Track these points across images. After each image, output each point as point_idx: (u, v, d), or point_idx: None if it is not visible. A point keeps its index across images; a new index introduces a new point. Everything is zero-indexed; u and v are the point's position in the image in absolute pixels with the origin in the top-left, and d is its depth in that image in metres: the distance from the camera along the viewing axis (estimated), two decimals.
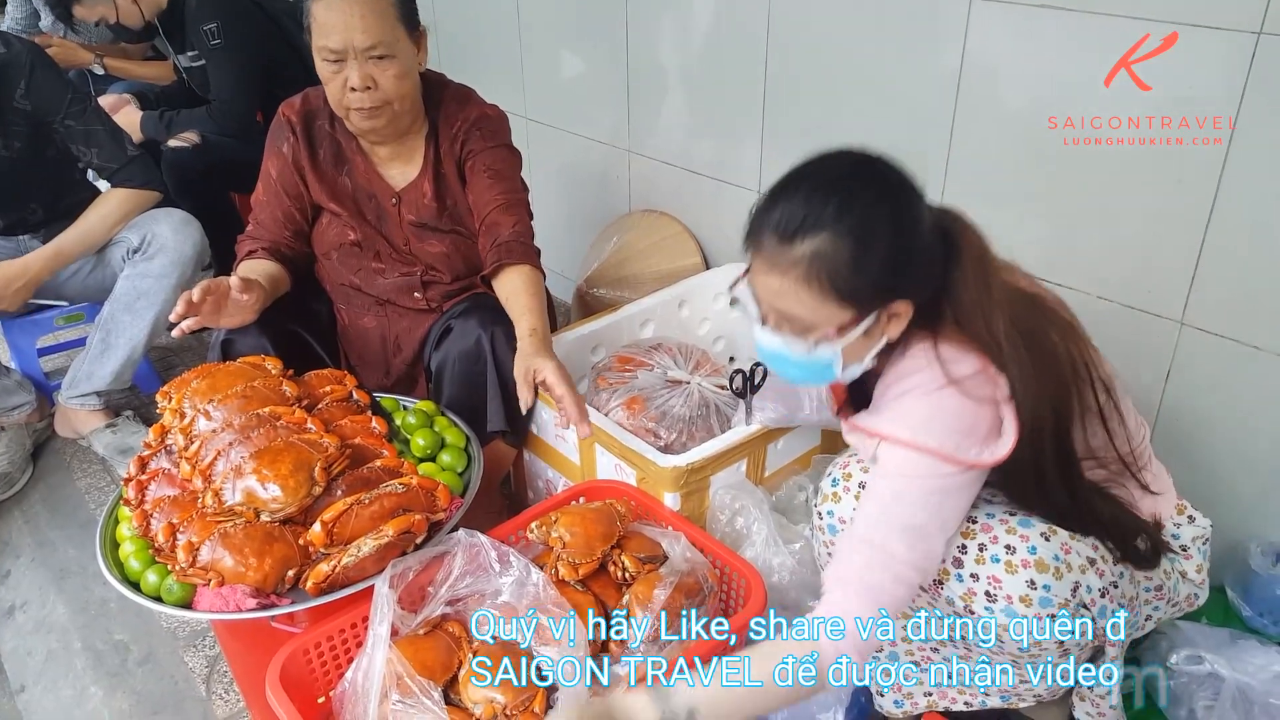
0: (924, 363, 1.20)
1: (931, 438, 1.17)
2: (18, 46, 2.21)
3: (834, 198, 1.13)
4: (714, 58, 2.28)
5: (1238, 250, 1.55)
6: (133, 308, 2.33)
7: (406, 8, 1.79)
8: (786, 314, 1.19)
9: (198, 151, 2.91)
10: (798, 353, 1.21)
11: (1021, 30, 1.67)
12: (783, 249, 1.14)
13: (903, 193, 1.17)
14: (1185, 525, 1.42)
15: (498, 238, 1.86)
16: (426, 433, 1.72)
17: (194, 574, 1.39)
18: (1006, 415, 1.17)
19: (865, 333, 1.18)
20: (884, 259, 1.14)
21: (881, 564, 1.18)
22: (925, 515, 1.19)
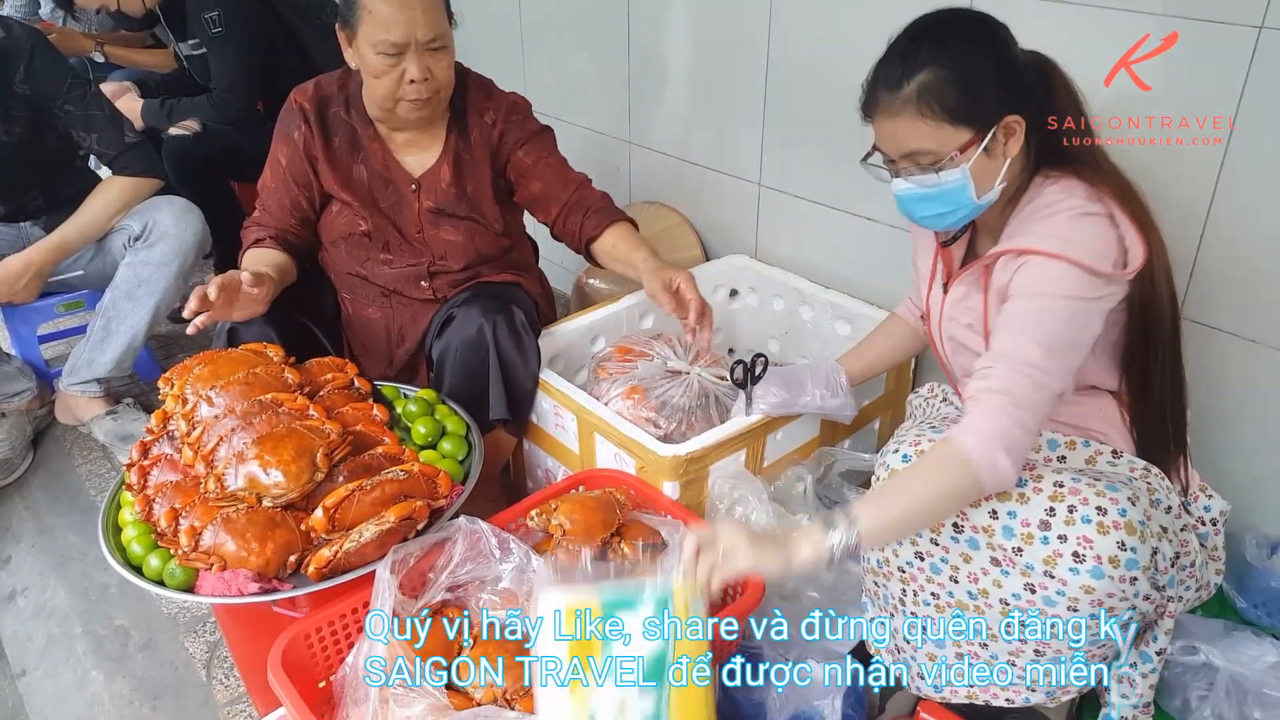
0: (1057, 195, 1.31)
1: (1076, 249, 1.25)
2: (18, 31, 2.21)
3: (924, 40, 1.29)
4: (715, 50, 2.28)
5: (1236, 245, 1.56)
6: (134, 295, 2.33)
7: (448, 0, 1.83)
8: (910, 151, 1.31)
9: (198, 140, 2.91)
10: (931, 186, 1.32)
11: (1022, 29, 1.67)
12: (892, 95, 1.28)
13: (986, 22, 1.31)
14: (1211, 500, 1.44)
15: (593, 206, 1.98)
16: (427, 420, 1.73)
17: (196, 558, 1.39)
18: (1133, 239, 1.28)
19: (987, 150, 1.29)
20: (984, 75, 1.27)
21: (1024, 372, 1.24)
22: (1068, 329, 1.26)
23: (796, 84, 2.12)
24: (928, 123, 1.27)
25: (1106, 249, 1.27)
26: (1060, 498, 1.24)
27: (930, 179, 1.31)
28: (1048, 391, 1.24)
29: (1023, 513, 1.25)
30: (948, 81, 1.25)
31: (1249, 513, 1.68)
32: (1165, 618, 1.30)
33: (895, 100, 1.28)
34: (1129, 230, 1.28)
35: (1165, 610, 1.29)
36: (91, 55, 3.28)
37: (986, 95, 1.27)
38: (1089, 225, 1.27)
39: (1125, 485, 1.25)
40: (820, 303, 2.17)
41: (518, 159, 1.96)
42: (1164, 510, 1.31)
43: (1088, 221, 1.27)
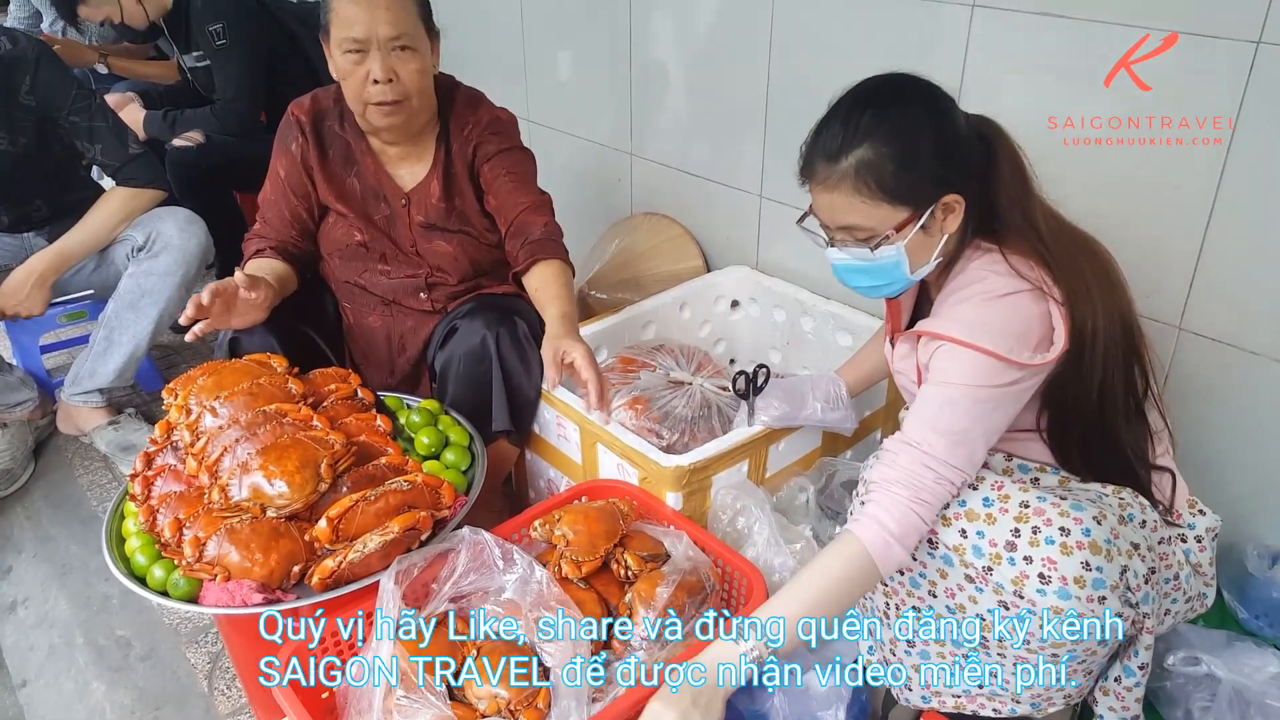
0: (985, 271, 1.29)
1: (987, 337, 1.24)
2: (24, 43, 2.22)
3: (867, 110, 1.25)
4: (717, 62, 2.29)
5: (1236, 256, 1.57)
6: (136, 305, 2.34)
7: (425, 8, 1.83)
8: (847, 226, 1.29)
9: (202, 151, 2.93)
10: (865, 260, 1.31)
11: (1021, 37, 1.68)
12: (830, 167, 1.26)
13: (931, 94, 1.28)
14: (1198, 517, 1.43)
15: (530, 236, 1.90)
16: (431, 431, 1.73)
17: (200, 569, 1.39)
18: (1058, 320, 1.25)
19: (924, 228, 1.27)
20: (925, 153, 1.24)
21: (926, 464, 1.26)
22: (970, 419, 1.26)
23: (797, 96, 2.13)
24: (864, 200, 1.25)
25: (1025, 332, 1.25)
26: (1025, 518, 1.25)
27: (864, 254, 1.30)
28: (948, 485, 1.27)
29: (990, 533, 1.26)
30: (886, 159, 1.23)
31: (1249, 523, 1.69)
32: (1144, 633, 1.29)
33: (833, 173, 1.26)
34: (1055, 311, 1.25)
35: (1143, 626, 1.28)
36: (95, 67, 3.30)
37: (926, 174, 1.25)
38: (1004, 308, 1.25)
39: (1092, 504, 1.26)
40: (821, 313, 2.18)
41: (484, 172, 1.94)
42: (1137, 525, 1.31)
43: (1003, 304, 1.26)
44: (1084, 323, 1.26)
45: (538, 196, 1.96)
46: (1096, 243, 1.35)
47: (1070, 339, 1.25)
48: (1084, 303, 1.26)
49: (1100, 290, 1.28)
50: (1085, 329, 1.26)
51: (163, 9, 2.88)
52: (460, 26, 3.05)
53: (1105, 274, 1.31)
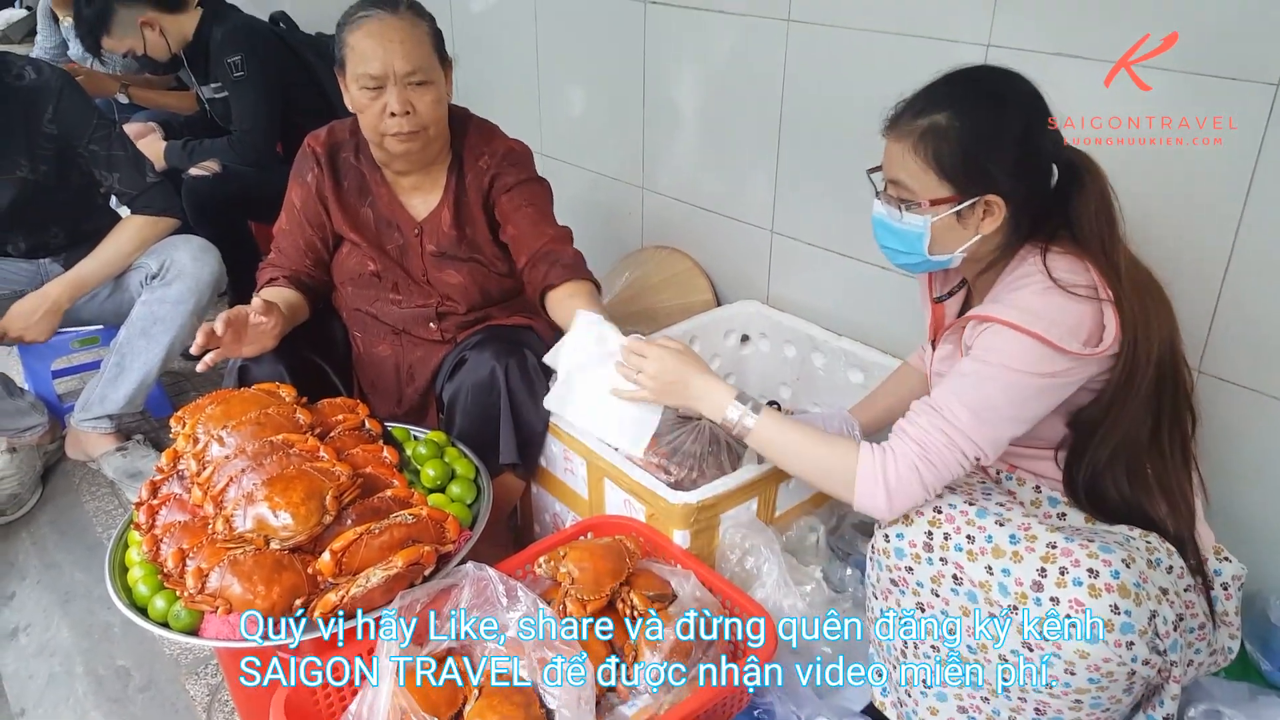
0: (1037, 268, 1.29)
1: (1039, 323, 1.23)
2: (48, 72, 2.25)
3: (963, 86, 1.29)
4: (729, 98, 2.30)
5: (1256, 300, 1.55)
6: (148, 333, 2.34)
7: (438, 39, 1.84)
8: (895, 180, 1.33)
9: (217, 180, 2.95)
10: (894, 220, 1.34)
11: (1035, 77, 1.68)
12: (908, 119, 1.30)
13: (1027, 100, 1.29)
14: (1224, 564, 1.40)
15: (561, 260, 1.92)
16: (437, 463, 1.72)
17: (202, 600, 1.38)
18: (1109, 317, 1.25)
19: (958, 216, 1.30)
20: (991, 148, 1.26)
21: (941, 427, 1.27)
22: (1004, 401, 1.26)
23: (809, 132, 2.13)
24: (916, 161, 1.29)
25: (1077, 325, 1.25)
26: (1053, 559, 1.22)
27: (896, 214, 1.34)
28: (958, 453, 1.27)
29: (1016, 571, 1.23)
30: (954, 133, 1.26)
31: (1273, 572, 1.65)
32: (1170, 683, 1.26)
33: (906, 127, 1.30)
34: (1109, 312, 1.25)
35: (1170, 675, 1.25)
36: (116, 96, 3.35)
37: (981, 166, 1.26)
38: (1060, 298, 1.26)
39: (1120, 546, 1.23)
40: (833, 350, 2.17)
41: (501, 203, 1.95)
42: (1164, 571, 1.28)
43: (1060, 294, 1.26)
44: (1139, 343, 1.26)
45: (561, 229, 1.98)
46: (1163, 289, 1.35)
47: (1122, 350, 1.25)
48: (1143, 327, 1.26)
49: (1160, 324, 1.28)
50: (1140, 351, 1.26)
51: (184, 41, 2.93)
52: (476, 59, 3.09)
53: (1168, 313, 1.32)
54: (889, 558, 1.36)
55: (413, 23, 1.79)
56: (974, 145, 1.25)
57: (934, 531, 1.31)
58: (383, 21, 1.76)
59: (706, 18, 2.26)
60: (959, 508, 1.31)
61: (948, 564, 1.28)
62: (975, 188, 1.27)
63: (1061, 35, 1.62)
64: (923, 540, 1.31)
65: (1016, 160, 1.27)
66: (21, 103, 2.21)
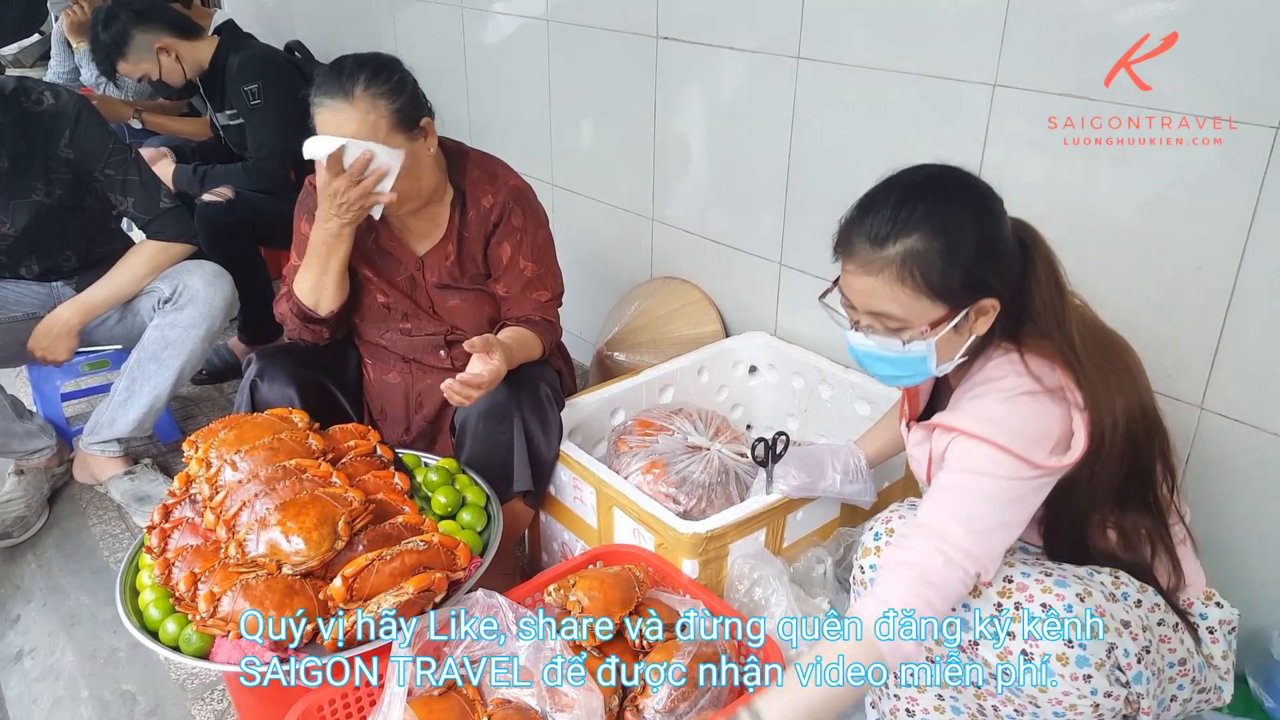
0: (1006, 370, 1.27)
1: (1004, 434, 1.22)
2: (65, 97, 2.28)
3: (922, 201, 1.23)
4: (739, 133, 2.33)
5: (1258, 336, 1.57)
6: (159, 357, 2.36)
7: (402, 115, 1.75)
8: (880, 313, 1.27)
9: (230, 206, 2.98)
10: (892, 351, 1.29)
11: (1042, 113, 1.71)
12: (875, 252, 1.23)
13: (984, 195, 1.27)
14: (1212, 609, 1.41)
15: (525, 314, 1.94)
16: (448, 490, 1.73)
17: (214, 624, 1.38)
18: (1078, 426, 1.23)
19: (955, 328, 1.26)
20: (972, 255, 1.22)
21: (937, 548, 1.22)
22: (991, 508, 1.23)
23: (819, 166, 2.16)
24: (906, 291, 1.23)
25: (1043, 434, 1.23)
26: (1008, 594, 1.25)
27: (893, 344, 1.28)
28: (960, 572, 1.21)
29: (974, 604, 1.26)
30: (935, 254, 1.21)
31: (1275, 608, 1.65)
32: (1141, 715, 1.26)
33: (877, 258, 1.23)
34: (1079, 417, 1.23)
35: (1139, 708, 1.25)
36: (129, 122, 3.39)
37: (969, 276, 1.23)
38: (1021, 407, 1.24)
39: (1078, 580, 1.25)
40: (840, 382, 2.18)
41: (494, 251, 1.94)
42: (1131, 604, 1.29)
43: (1021, 402, 1.24)
44: (1102, 423, 1.23)
45: (551, 294, 1.98)
46: (1120, 339, 1.34)
47: (1090, 440, 1.23)
48: (1105, 405, 1.24)
49: (1121, 388, 1.26)
50: (1103, 429, 1.24)
51: (199, 68, 2.97)
52: (489, 90, 3.14)
53: (1127, 370, 1.30)
54: (866, 588, 1.41)
55: (369, 106, 1.70)
56: (955, 258, 1.21)
57: None
58: (336, 113, 1.71)
59: (718, 54, 2.30)
60: None
61: None
62: (970, 297, 1.24)
63: (1068, 75, 1.65)
64: None
65: (995, 255, 1.24)
66: (39, 127, 2.23)
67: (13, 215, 2.26)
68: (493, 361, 1.69)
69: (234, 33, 3.04)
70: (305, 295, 1.90)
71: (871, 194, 1.29)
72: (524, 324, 1.93)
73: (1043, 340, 1.27)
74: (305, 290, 1.90)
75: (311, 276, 1.88)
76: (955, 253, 1.21)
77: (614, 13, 2.53)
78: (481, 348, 1.69)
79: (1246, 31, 1.45)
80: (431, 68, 3.33)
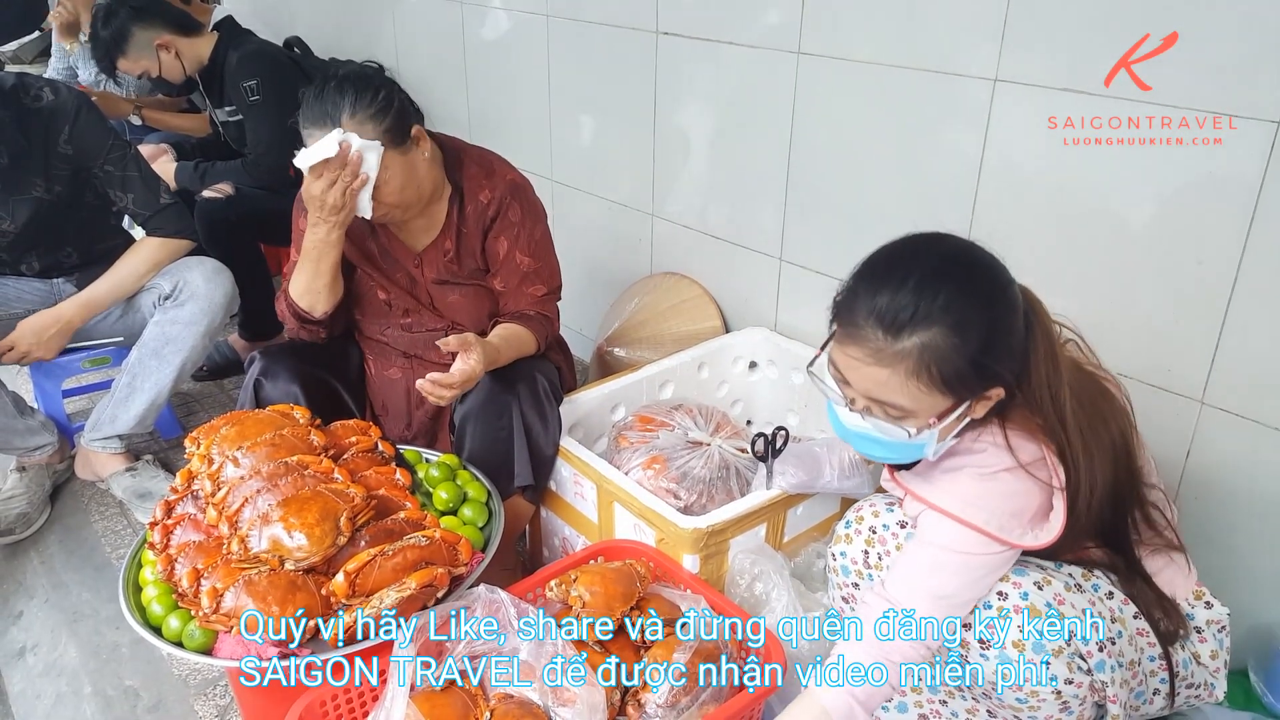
0: (985, 444, 1.24)
1: (979, 514, 1.20)
2: (65, 93, 2.28)
3: (942, 290, 1.15)
4: (740, 129, 2.33)
5: (1259, 330, 1.57)
6: (160, 353, 2.36)
7: (392, 133, 1.75)
8: (885, 402, 1.20)
9: (230, 203, 2.98)
10: (892, 437, 1.23)
11: (1042, 108, 1.71)
12: (889, 340, 1.16)
13: (1005, 282, 1.20)
14: (1200, 609, 1.41)
15: (521, 309, 1.94)
16: (449, 486, 1.73)
17: (217, 620, 1.39)
18: (1057, 504, 1.22)
19: (957, 415, 1.21)
20: (989, 349, 1.16)
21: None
22: (956, 585, 1.23)
23: (818, 161, 2.16)
24: (920, 385, 1.17)
25: (1019, 510, 1.21)
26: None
27: (894, 431, 1.22)
28: (924, 650, 1.23)
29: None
30: (955, 350, 1.14)
31: (1275, 603, 1.66)
32: (1109, 703, 1.27)
33: (891, 350, 1.16)
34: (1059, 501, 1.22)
35: (1105, 696, 1.26)
36: (129, 118, 3.39)
37: (984, 370, 1.18)
38: (1001, 483, 1.22)
39: (1038, 569, 1.27)
40: None
41: (491, 246, 1.95)
42: (1103, 596, 1.30)
43: (998, 481, 1.22)
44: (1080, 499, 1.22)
45: (548, 289, 1.98)
46: (1106, 384, 1.32)
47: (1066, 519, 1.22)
48: (1087, 481, 1.21)
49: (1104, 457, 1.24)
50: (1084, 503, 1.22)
51: (199, 64, 2.97)
52: (488, 85, 3.13)
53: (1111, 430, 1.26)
54: (838, 575, 1.44)
55: (357, 128, 1.72)
56: (980, 355, 1.15)
57: (869, 550, 1.40)
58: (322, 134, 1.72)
59: (718, 49, 2.30)
60: (891, 529, 1.39)
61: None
62: (981, 389, 1.20)
63: (1070, 69, 1.65)
64: (862, 558, 1.40)
65: (1006, 346, 1.19)
66: (39, 123, 2.23)
67: (13, 212, 2.26)
68: (469, 361, 1.70)
69: (233, 29, 3.03)
70: (299, 297, 1.90)
71: (879, 266, 1.22)
72: (518, 320, 1.94)
73: (1028, 414, 1.24)
74: (299, 293, 1.90)
75: (304, 280, 1.88)
76: (974, 350, 1.15)
77: (613, 8, 2.53)
78: (457, 346, 1.70)
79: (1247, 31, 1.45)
80: (430, 63, 3.36)
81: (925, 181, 1.94)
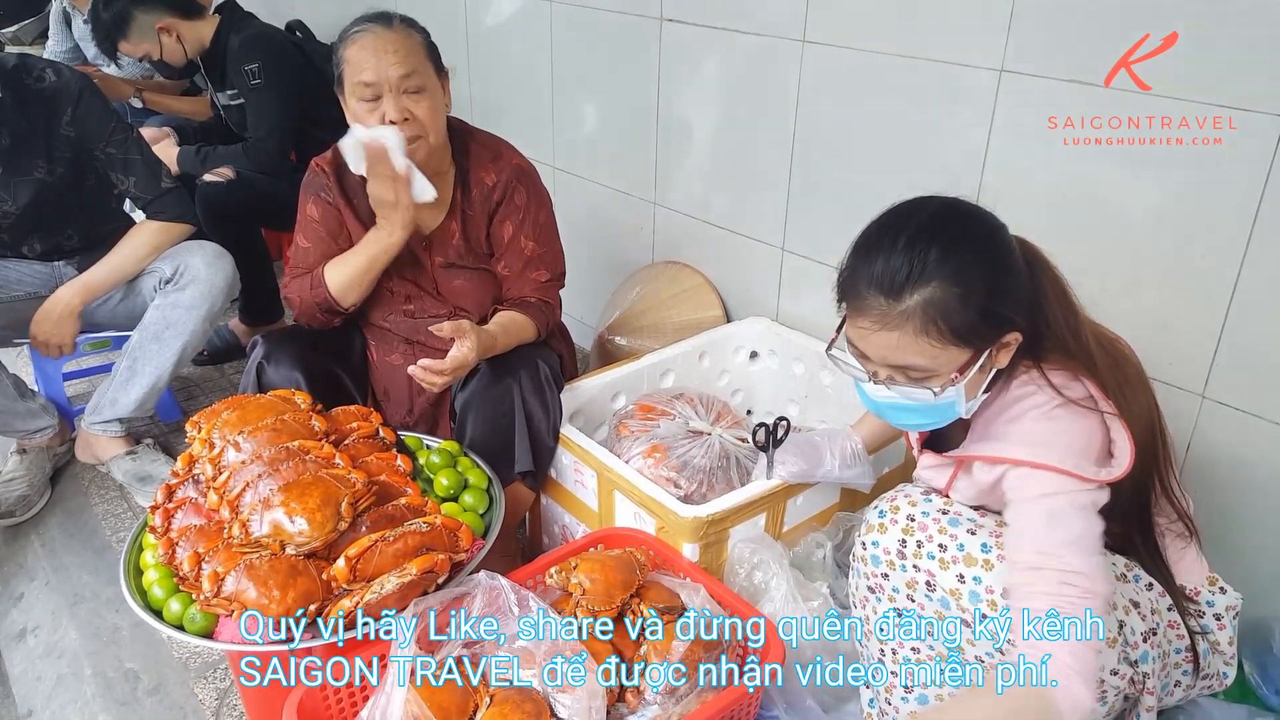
0: (1033, 388, 1.25)
1: (1054, 456, 1.19)
2: (67, 75, 2.27)
3: (934, 244, 1.16)
4: (743, 117, 2.33)
5: (1260, 325, 1.57)
6: (160, 337, 2.36)
7: (433, 50, 1.86)
8: (904, 366, 1.22)
9: (231, 186, 2.97)
10: (919, 400, 1.24)
11: (1047, 97, 1.71)
12: (891, 304, 1.17)
13: (994, 226, 1.23)
14: (1218, 595, 1.42)
15: (523, 295, 1.96)
16: (450, 473, 1.74)
17: (218, 604, 1.39)
18: (1117, 436, 1.21)
19: (980, 367, 1.22)
20: (992, 295, 1.18)
21: (1063, 580, 1.14)
22: (1081, 526, 1.18)
23: (821, 150, 2.16)
24: (931, 341, 1.18)
25: (1087, 445, 1.21)
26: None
27: (920, 394, 1.23)
28: (1097, 598, 1.14)
29: (987, 579, 1.26)
30: (958, 300, 1.16)
31: (1274, 597, 1.66)
32: (1145, 694, 1.27)
33: (894, 312, 1.17)
34: (1115, 424, 1.22)
35: (1143, 687, 1.26)
36: (130, 101, 3.37)
37: (992, 315, 1.19)
38: (1061, 420, 1.22)
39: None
40: None
41: (497, 230, 1.96)
42: (1143, 587, 1.30)
43: (1059, 415, 1.22)
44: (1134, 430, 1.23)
45: (552, 274, 2.00)
46: (1124, 345, 1.34)
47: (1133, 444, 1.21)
48: (1128, 414, 1.23)
49: (1137, 396, 1.26)
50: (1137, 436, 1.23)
51: (200, 47, 2.95)
52: (490, 73, 3.12)
53: (1140, 378, 1.29)
54: (866, 565, 1.39)
55: (405, 34, 1.81)
56: (985, 301, 1.17)
57: (907, 539, 1.33)
58: (376, 35, 1.79)
59: (722, 36, 2.29)
60: (932, 515, 1.34)
61: (920, 571, 1.31)
62: (995, 335, 1.21)
63: (1075, 59, 1.65)
64: (896, 548, 1.34)
65: (1012, 289, 1.21)
66: (41, 105, 2.23)
67: (14, 193, 2.26)
68: (462, 348, 1.72)
69: (235, 12, 3.02)
70: (335, 288, 1.90)
71: (872, 236, 1.23)
72: (519, 307, 1.94)
73: (1060, 355, 1.25)
74: (337, 284, 1.90)
75: (350, 274, 1.89)
76: (975, 295, 1.16)
77: None
78: (451, 332, 1.72)
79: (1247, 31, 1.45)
80: None
81: (929, 171, 1.94)
